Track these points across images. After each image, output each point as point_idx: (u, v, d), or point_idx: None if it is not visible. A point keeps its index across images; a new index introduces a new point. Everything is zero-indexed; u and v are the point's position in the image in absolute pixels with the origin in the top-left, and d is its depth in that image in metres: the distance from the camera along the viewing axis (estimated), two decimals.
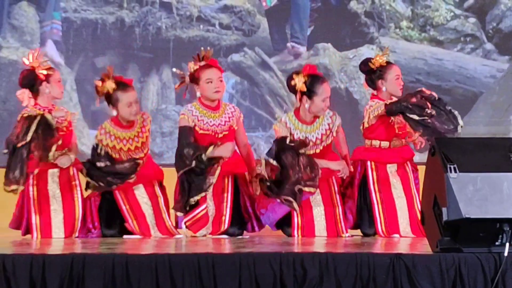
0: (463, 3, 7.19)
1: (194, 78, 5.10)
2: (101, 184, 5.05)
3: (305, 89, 5.01)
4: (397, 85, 5.23)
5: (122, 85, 5.21)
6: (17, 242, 4.91)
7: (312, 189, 4.94)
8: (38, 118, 5.04)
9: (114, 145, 5.18)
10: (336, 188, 5.23)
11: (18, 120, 5.08)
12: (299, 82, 5.04)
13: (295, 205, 4.90)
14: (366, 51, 6.92)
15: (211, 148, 4.94)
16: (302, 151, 4.96)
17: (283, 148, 4.96)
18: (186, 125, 5.08)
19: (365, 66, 5.28)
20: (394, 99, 5.18)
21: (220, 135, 5.12)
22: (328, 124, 5.16)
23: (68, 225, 5.14)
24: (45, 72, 5.17)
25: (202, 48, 5.24)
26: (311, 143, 5.06)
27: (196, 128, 5.09)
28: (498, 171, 3.34)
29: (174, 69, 5.61)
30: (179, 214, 5.07)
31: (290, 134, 5.08)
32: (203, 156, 4.92)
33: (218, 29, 6.89)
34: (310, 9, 7.10)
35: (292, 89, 5.12)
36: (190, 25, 6.90)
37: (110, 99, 5.14)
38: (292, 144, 4.96)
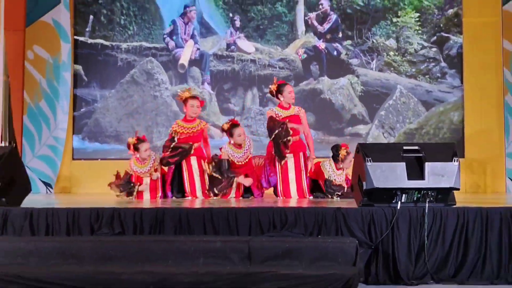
0: (430, 39, 8.87)
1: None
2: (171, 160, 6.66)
3: (275, 89, 6.85)
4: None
5: (192, 96, 6.91)
6: (124, 201, 6.22)
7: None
8: None
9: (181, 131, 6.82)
10: (303, 163, 6.76)
11: None
12: (273, 87, 6.90)
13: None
14: (344, 80, 8.91)
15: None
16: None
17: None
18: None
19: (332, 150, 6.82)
20: None
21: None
22: (297, 110, 6.88)
23: (153, 192, 6.70)
24: None
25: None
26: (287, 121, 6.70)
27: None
28: (394, 161, 4.46)
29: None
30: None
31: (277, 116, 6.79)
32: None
33: (277, 69, 8.96)
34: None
35: (272, 94, 6.96)
36: (265, 68, 8.99)
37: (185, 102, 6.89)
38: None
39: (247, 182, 6.75)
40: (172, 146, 6.79)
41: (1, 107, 8.07)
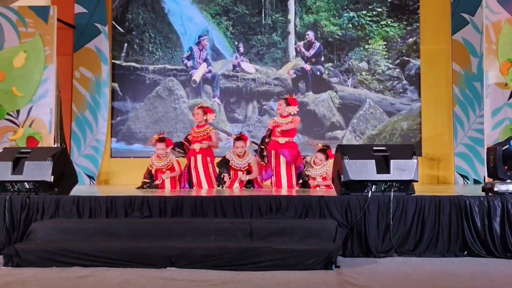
0: (394, 62, 8.86)
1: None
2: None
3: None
4: None
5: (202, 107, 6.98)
6: (150, 191, 6.20)
7: None
8: None
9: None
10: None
11: None
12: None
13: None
14: (325, 95, 8.86)
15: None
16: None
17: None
18: None
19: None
20: None
21: None
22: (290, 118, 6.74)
23: (173, 184, 6.71)
24: None
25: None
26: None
27: None
28: (366, 159, 4.50)
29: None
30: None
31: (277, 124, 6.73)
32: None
33: (273, 86, 8.93)
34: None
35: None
36: (263, 85, 8.98)
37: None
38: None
39: (244, 177, 6.74)
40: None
41: (54, 116, 8.07)
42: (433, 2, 8.84)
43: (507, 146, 4.49)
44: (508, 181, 4.49)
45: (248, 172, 6.79)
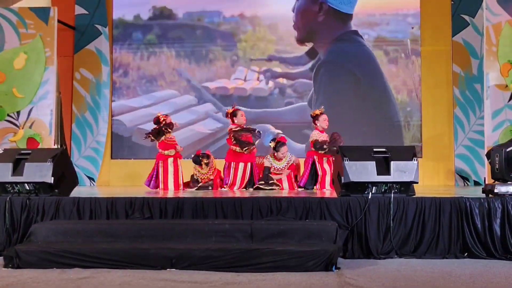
0: None
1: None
2: None
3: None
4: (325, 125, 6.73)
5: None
6: (151, 192, 6.15)
7: None
8: None
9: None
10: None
11: None
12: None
13: None
14: None
15: None
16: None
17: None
18: None
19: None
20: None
21: None
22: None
23: (177, 185, 6.69)
24: None
25: None
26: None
27: None
28: (366, 160, 4.50)
29: None
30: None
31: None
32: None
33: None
34: None
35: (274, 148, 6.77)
36: None
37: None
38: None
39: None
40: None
41: (55, 117, 8.06)
42: (434, 3, 8.83)
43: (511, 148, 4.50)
44: (508, 182, 4.49)
45: None
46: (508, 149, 4.50)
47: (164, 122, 6.89)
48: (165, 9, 9.33)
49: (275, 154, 6.78)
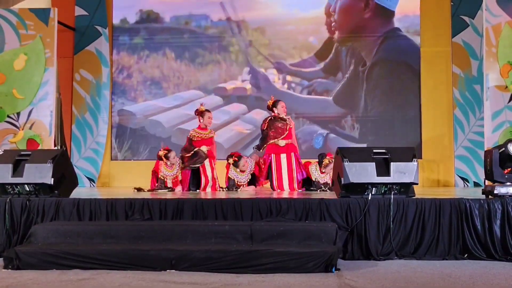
0: None
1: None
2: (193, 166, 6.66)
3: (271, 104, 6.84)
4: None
5: (208, 110, 6.96)
6: (152, 193, 6.33)
7: None
8: None
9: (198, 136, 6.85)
10: (294, 161, 6.71)
11: None
12: (270, 103, 6.91)
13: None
14: None
15: None
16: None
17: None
18: None
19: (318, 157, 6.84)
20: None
21: None
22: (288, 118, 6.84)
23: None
24: None
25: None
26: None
27: None
28: (366, 162, 4.49)
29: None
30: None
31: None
32: None
33: None
34: None
35: (268, 107, 6.94)
36: None
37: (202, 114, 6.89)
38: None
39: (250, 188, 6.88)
40: (193, 150, 6.82)
41: (55, 119, 8.08)
42: (433, 4, 8.85)
43: (503, 149, 4.48)
44: (508, 183, 4.48)
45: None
46: (500, 150, 4.48)
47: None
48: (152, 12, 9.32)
49: (276, 110, 6.88)
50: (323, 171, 6.71)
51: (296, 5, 9.11)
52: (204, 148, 6.84)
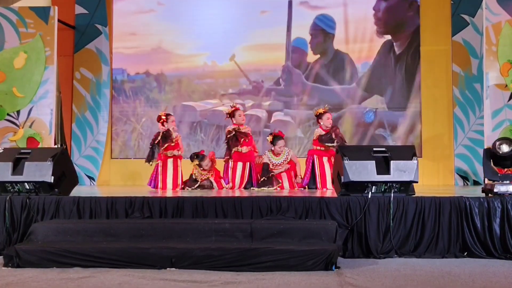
0: None
1: None
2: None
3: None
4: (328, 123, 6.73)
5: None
6: (151, 191, 6.26)
7: None
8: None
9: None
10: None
11: None
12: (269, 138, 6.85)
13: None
14: None
15: None
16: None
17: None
18: None
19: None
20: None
21: None
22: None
23: (175, 184, 6.73)
24: None
25: None
26: None
27: None
28: (366, 160, 4.49)
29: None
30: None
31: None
32: None
33: None
34: None
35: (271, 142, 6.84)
36: None
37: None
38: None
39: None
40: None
41: (55, 117, 8.06)
42: (433, 3, 8.83)
43: (494, 148, 4.50)
44: (508, 182, 4.49)
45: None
46: (492, 149, 4.52)
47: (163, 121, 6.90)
48: None
49: (273, 149, 6.77)
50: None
51: None
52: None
